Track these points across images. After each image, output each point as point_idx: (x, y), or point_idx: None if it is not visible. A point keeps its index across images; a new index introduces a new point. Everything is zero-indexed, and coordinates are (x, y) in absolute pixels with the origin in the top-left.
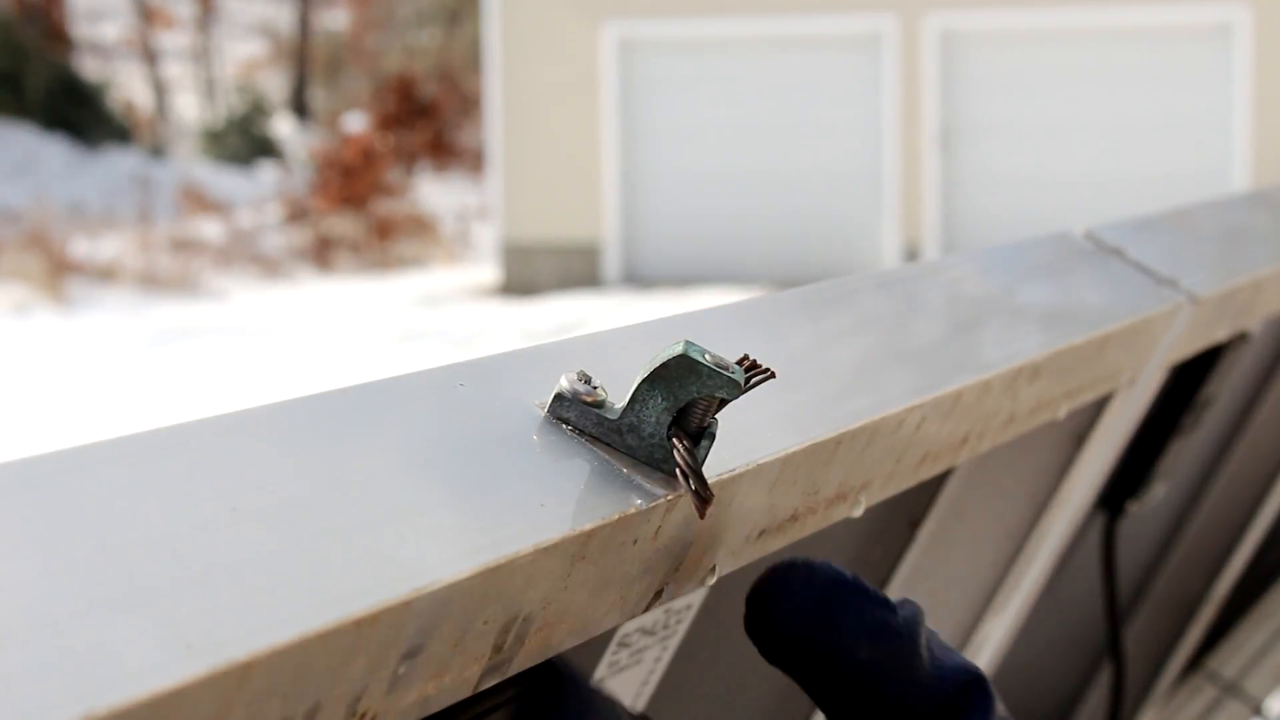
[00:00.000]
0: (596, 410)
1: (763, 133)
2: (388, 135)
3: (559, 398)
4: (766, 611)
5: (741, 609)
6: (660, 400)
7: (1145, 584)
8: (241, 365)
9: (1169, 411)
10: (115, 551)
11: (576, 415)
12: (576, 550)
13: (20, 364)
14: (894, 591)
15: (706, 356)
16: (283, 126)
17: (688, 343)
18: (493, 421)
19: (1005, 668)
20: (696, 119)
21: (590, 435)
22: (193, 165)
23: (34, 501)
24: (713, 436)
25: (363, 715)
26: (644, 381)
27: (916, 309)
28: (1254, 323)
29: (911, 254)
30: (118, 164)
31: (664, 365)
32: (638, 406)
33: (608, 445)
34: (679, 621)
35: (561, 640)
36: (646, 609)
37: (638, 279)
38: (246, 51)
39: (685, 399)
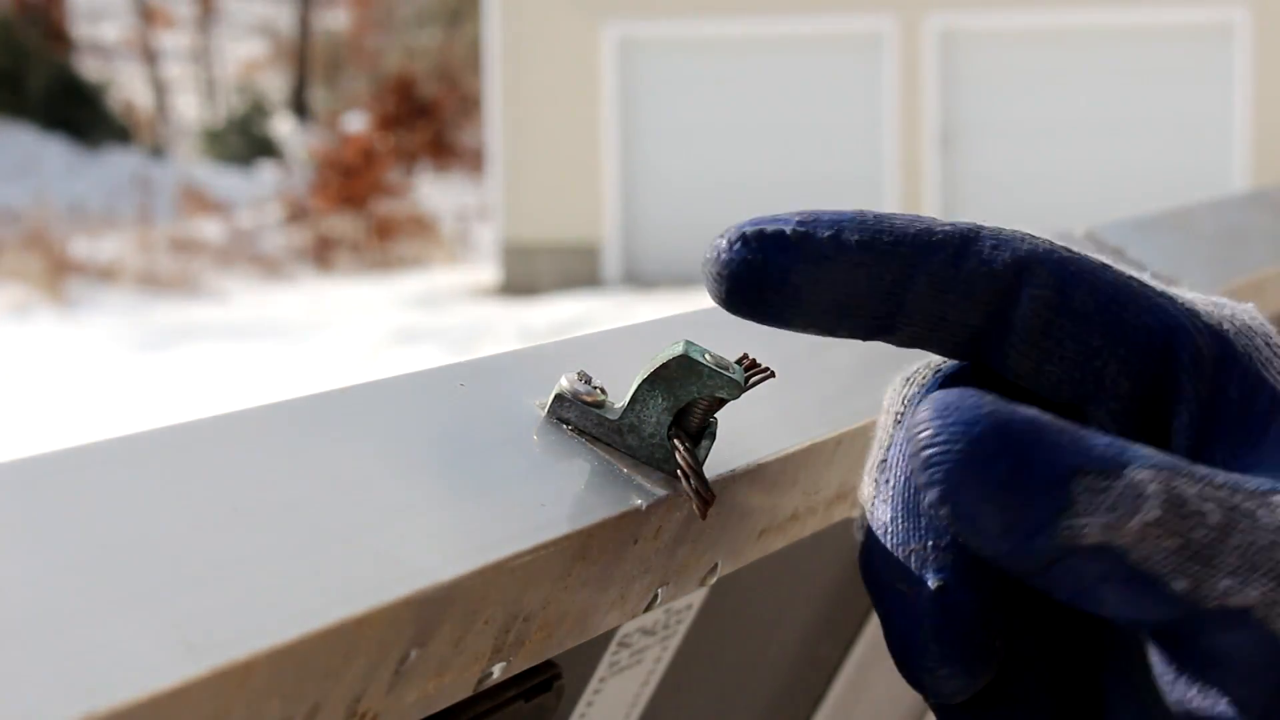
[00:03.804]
0: (596, 410)
1: (762, 133)
2: (388, 135)
3: (559, 398)
4: None
5: (741, 609)
6: (660, 400)
7: None
8: (241, 365)
9: None
10: (115, 551)
11: (576, 415)
12: (576, 550)
13: (20, 364)
14: None
15: (706, 356)
16: (283, 126)
17: (688, 343)
18: (493, 421)
19: None
20: (696, 119)
21: (590, 435)
22: (193, 165)
23: (34, 501)
24: (713, 436)
25: (363, 715)
26: (644, 382)
27: None
28: None
29: None
30: (118, 164)
31: (664, 365)
32: (638, 407)
33: (608, 445)
34: (679, 621)
35: (561, 640)
36: (646, 609)
37: (638, 279)
38: (246, 51)
39: (685, 399)
